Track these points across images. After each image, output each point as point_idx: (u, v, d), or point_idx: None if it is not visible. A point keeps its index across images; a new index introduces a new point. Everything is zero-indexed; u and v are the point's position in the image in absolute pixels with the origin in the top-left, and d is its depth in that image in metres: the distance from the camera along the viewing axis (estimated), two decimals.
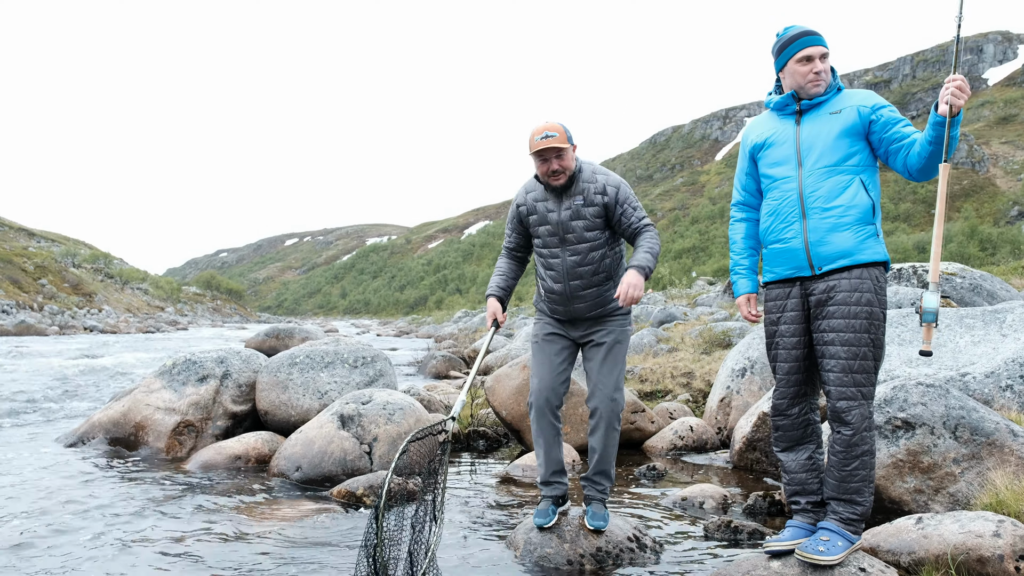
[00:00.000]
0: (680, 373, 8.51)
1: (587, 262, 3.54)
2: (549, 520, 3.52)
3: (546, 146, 3.43)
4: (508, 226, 3.85)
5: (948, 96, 2.65)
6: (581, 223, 3.53)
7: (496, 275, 3.85)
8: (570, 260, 3.56)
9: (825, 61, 3.01)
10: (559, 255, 3.58)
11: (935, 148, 2.73)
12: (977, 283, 8.10)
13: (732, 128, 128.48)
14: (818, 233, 2.93)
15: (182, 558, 3.48)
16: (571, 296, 3.58)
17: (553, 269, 3.61)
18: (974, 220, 50.87)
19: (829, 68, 3.03)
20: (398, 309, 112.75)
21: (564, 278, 3.57)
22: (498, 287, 3.79)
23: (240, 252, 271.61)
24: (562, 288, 3.59)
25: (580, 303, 3.58)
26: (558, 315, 3.69)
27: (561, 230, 3.56)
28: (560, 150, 3.46)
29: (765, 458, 5.27)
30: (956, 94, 2.65)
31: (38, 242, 64.52)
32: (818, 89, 3.01)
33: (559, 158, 3.47)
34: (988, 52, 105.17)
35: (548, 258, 3.63)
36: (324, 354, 6.58)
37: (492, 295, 3.77)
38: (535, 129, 3.50)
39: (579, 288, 3.56)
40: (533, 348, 3.78)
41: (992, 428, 3.54)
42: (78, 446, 6.01)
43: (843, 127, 2.93)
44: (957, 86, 2.65)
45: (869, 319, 2.84)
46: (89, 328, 34.79)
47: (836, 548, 2.77)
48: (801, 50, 3.01)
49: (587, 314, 3.61)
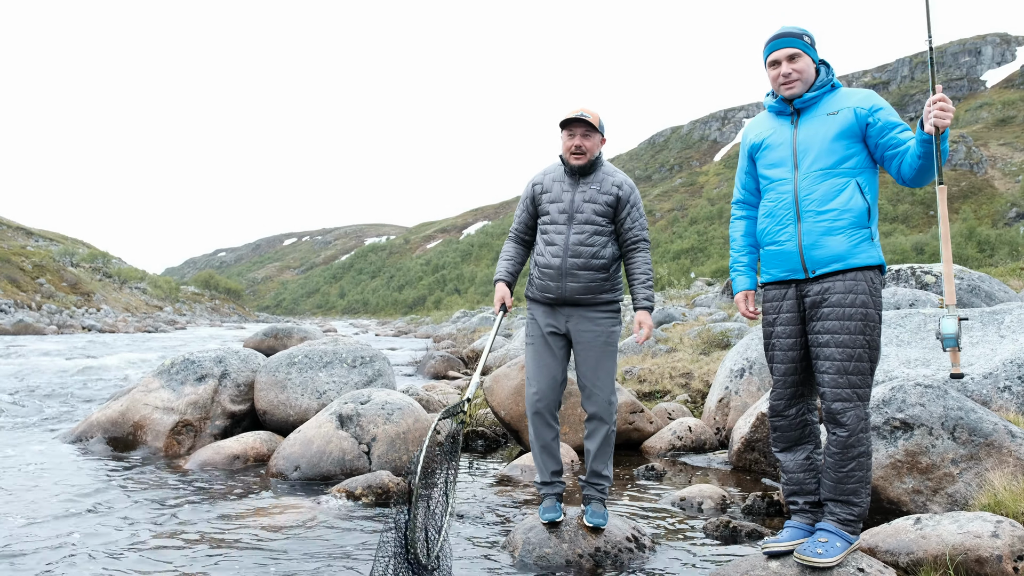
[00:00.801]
0: (679, 374, 8.52)
1: (589, 243, 3.59)
2: (558, 515, 3.55)
3: (576, 116, 3.57)
4: (519, 207, 3.90)
5: (933, 118, 2.65)
6: (593, 206, 3.61)
7: (504, 259, 3.88)
8: (574, 237, 3.60)
9: (795, 61, 2.98)
10: (564, 231, 3.62)
11: (925, 162, 2.74)
12: (975, 284, 8.11)
13: (731, 129, 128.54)
14: (812, 236, 2.92)
15: (180, 558, 3.48)
16: (566, 273, 3.59)
17: (555, 244, 3.64)
18: (972, 222, 50.94)
19: (804, 67, 2.98)
20: (397, 309, 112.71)
21: (564, 253, 3.60)
22: (507, 272, 3.83)
23: (238, 252, 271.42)
24: (560, 263, 3.60)
25: (573, 282, 3.59)
26: (549, 295, 3.65)
27: (572, 208, 3.63)
28: (589, 127, 3.60)
29: (763, 458, 5.28)
30: (940, 115, 2.65)
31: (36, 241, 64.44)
32: (791, 91, 3.00)
33: (585, 137, 3.60)
34: (986, 54, 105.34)
35: (552, 234, 3.66)
36: (323, 354, 6.57)
37: (501, 279, 3.80)
38: (572, 108, 3.66)
39: (576, 267, 3.58)
40: (528, 350, 3.76)
41: (990, 429, 3.54)
42: (76, 445, 6.00)
43: (839, 129, 2.92)
44: (940, 107, 2.65)
45: (864, 321, 2.84)
46: (87, 327, 34.75)
47: (834, 549, 2.77)
48: (768, 56, 3.05)
49: (577, 295, 3.60)
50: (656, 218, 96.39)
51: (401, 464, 5.14)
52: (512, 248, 3.90)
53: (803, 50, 2.99)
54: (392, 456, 5.14)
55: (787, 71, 2.99)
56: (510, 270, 3.84)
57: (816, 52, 3.04)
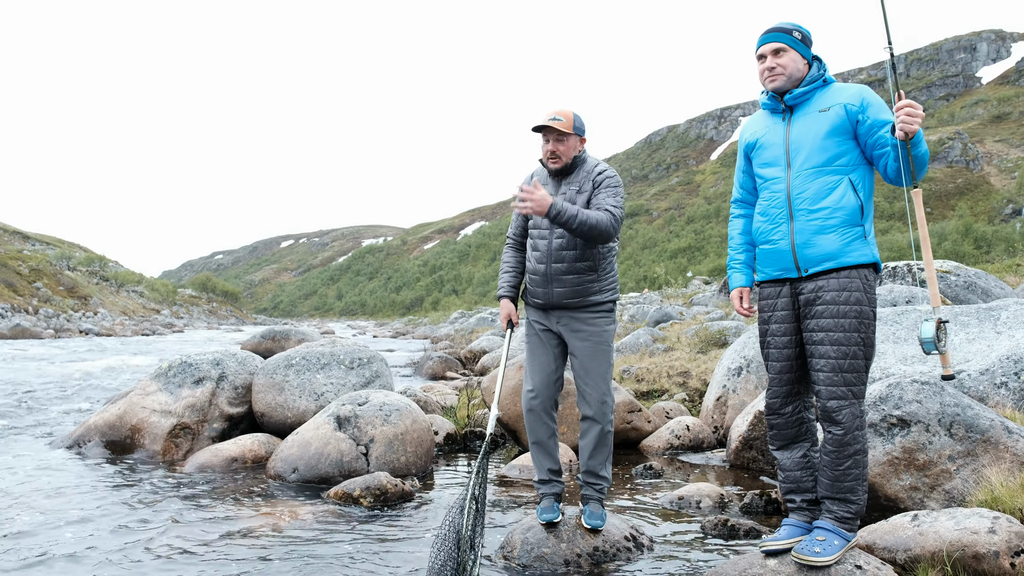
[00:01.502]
0: (676, 372, 8.52)
1: (571, 246, 3.54)
2: (556, 515, 3.55)
3: (544, 124, 3.53)
4: (514, 212, 3.85)
5: (901, 124, 2.65)
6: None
7: (505, 272, 3.83)
8: (556, 242, 3.57)
9: (780, 56, 2.98)
10: (547, 236, 3.60)
11: (901, 164, 2.75)
12: (972, 281, 8.13)
13: (727, 127, 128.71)
14: (804, 235, 2.92)
15: (178, 561, 3.47)
16: (551, 278, 3.57)
17: (539, 250, 3.62)
18: (968, 218, 51.06)
19: (789, 62, 2.97)
20: (394, 310, 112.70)
21: (547, 259, 3.58)
22: (510, 286, 3.79)
23: (236, 254, 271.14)
24: (544, 269, 3.59)
25: (559, 287, 3.57)
26: (538, 299, 3.65)
27: None
28: (560, 135, 3.55)
29: (761, 457, 5.28)
30: (906, 119, 2.65)
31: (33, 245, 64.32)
32: (774, 84, 3.01)
33: (559, 141, 3.55)
34: (981, 51, 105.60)
35: (536, 239, 3.65)
36: (320, 356, 6.57)
37: (505, 296, 3.76)
38: (548, 111, 3.60)
39: (560, 272, 3.56)
40: (526, 350, 3.78)
41: (987, 425, 3.55)
42: (74, 449, 5.99)
43: (830, 126, 2.90)
44: (907, 112, 2.65)
45: (859, 318, 2.84)
46: (84, 331, 34.68)
47: (832, 547, 2.78)
48: (756, 49, 3.07)
49: (565, 300, 3.58)
50: (653, 217, 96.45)
51: (399, 465, 5.14)
52: (511, 257, 3.85)
53: (790, 45, 2.98)
54: (390, 457, 5.14)
55: (771, 64, 3.00)
56: (512, 283, 3.80)
57: (807, 48, 3.02)
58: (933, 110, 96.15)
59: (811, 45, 3.05)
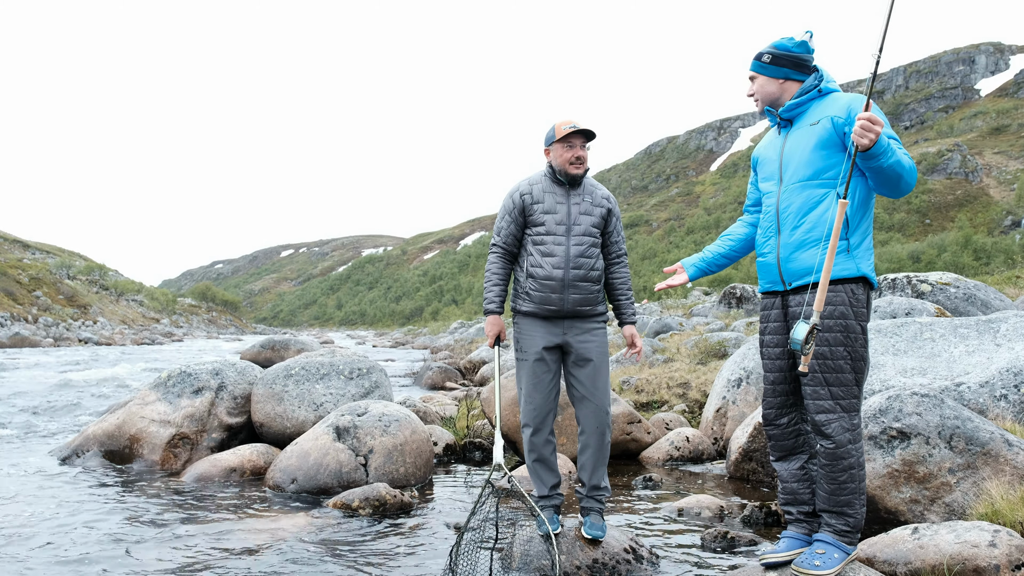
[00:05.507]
0: (676, 384, 8.51)
1: (587, 255, 3.60)
2: (556, 527, 3.55)
3: (583, 127, 3.56)
4: (505, 219, 3.70)
5: (853, 136, 2.60)
6: (589, 219, 3.63)
7: (495, 284, 3.73)
8: (574, 249, 3.59)
9: (752, 83, 3.07)
10: (564, 243, 3.60)
11: (874, 176, 2.71)
12: (971, 293, 8.14)
13: (727, 139, 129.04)
14: (788, 249, 2.94)
15: (176, 572, 3.46)
16: (569, 284, 3.57)
17: (555, 255, 3.59)
18: (968, 230, 51.07)
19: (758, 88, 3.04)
20: (394, 320, 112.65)
21: (566, 265, 3.57)
22: (501, 301, 3.74)
23: (236, 263, 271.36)
24: (562, 275, 3.57)
25: (575, 293, 3.58)
26: (551, 307, 3.59)
27: (569, 220, 3.62)
28: (590, 136, 3.62)
29: (761, 468, 5.27)
30: (858, 132, 2.57)
31: (33, 254, 64.35)
32: (756, 109, 3.14)
33: (583, 147, 3.62)
34: (980, 63, 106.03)
35: (551, 245, 3.60)
36: (320, 366, 6.56)
37: (497, 312, 3.73)
38: (562, 120, 3.64)
39: (577, 278, 3.58)
40: (524, 368, 3.68)
41: (987, 438, 3.54)
42: (72, 459, 5.97)
43: (817, 139, 2.89)
44: (861, 125, 2.57)
45: (844, 332, 2.82)
46: (84, 340, 34.66)
47: (832, 561, 2.77)
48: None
49: (578, 307, 3.60)
50: (652, 228, 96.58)
51: (399, 476, 5.13)
52: (500, 267, 3.73)
53: (756, 71, 3.05)
54: (389, 468, 5.13)
55: (751, 91, 3.11)
56: (503, 297, 3.75)
57: (778, 68, 2.99)
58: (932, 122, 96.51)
59: (795, 60, 2.99)
